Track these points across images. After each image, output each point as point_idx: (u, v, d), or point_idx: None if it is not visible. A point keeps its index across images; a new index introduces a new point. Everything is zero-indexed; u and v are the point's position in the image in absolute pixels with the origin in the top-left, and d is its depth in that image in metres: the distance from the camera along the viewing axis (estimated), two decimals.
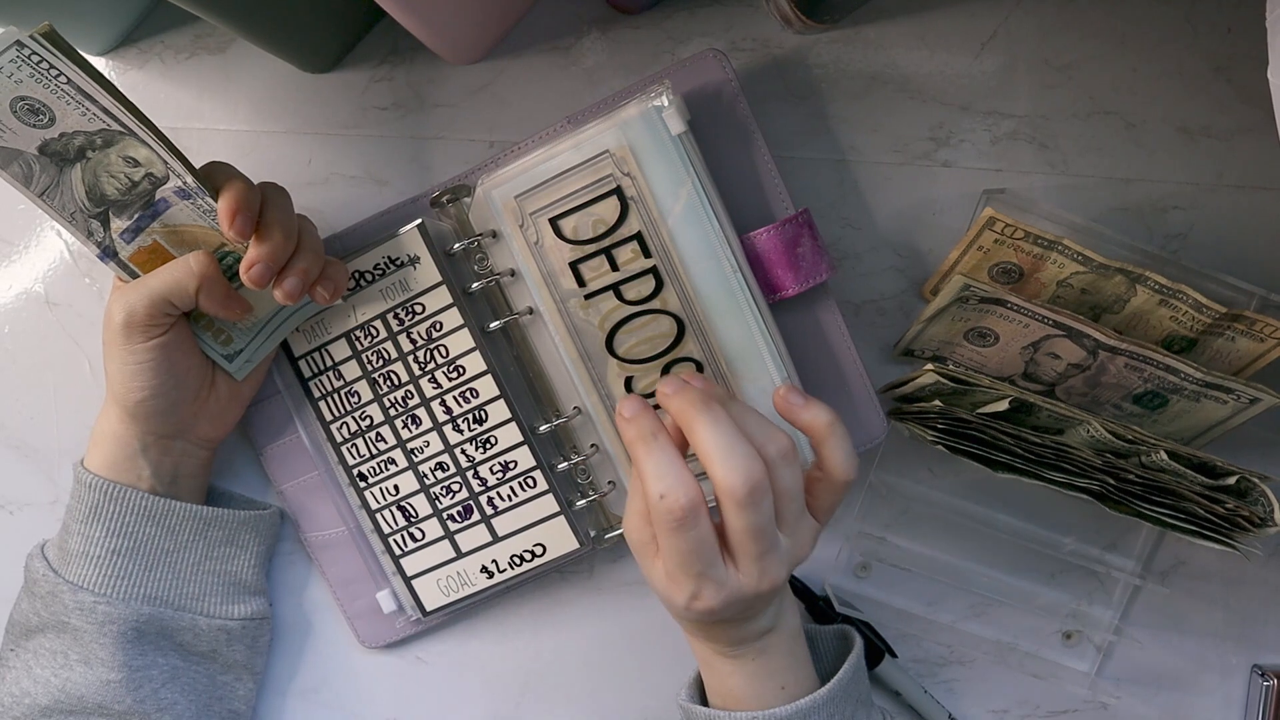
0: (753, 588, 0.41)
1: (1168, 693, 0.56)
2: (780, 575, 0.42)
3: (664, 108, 0.47)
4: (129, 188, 0.45)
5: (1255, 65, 0.52)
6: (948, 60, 0.53)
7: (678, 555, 0.40)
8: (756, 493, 0.39)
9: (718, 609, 0.41)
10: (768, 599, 0.43)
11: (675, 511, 0.39)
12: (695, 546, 0.40)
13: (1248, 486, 0.48)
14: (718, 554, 0.41)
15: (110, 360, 0.48)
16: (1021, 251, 0.49)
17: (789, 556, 0.42)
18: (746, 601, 0.42)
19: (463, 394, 0.53)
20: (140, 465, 0.51)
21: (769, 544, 0.41)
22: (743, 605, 0.42)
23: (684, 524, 0.40)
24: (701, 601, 0.41)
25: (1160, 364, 0.48)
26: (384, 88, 0.55)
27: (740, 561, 0.41)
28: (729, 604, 0.41)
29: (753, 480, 0.39)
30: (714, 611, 0.41)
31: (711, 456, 0.39)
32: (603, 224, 0.49)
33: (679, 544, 0.40)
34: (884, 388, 0.52)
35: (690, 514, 0.39)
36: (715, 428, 0.40)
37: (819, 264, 0.50)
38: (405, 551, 0.55)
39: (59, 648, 0.50)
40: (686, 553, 0.40)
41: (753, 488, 0.39)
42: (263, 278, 0.45)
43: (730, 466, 0.39)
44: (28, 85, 0.40)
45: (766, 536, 0.40)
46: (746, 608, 0.42)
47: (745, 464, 0.39)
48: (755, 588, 0.41)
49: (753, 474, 0.39)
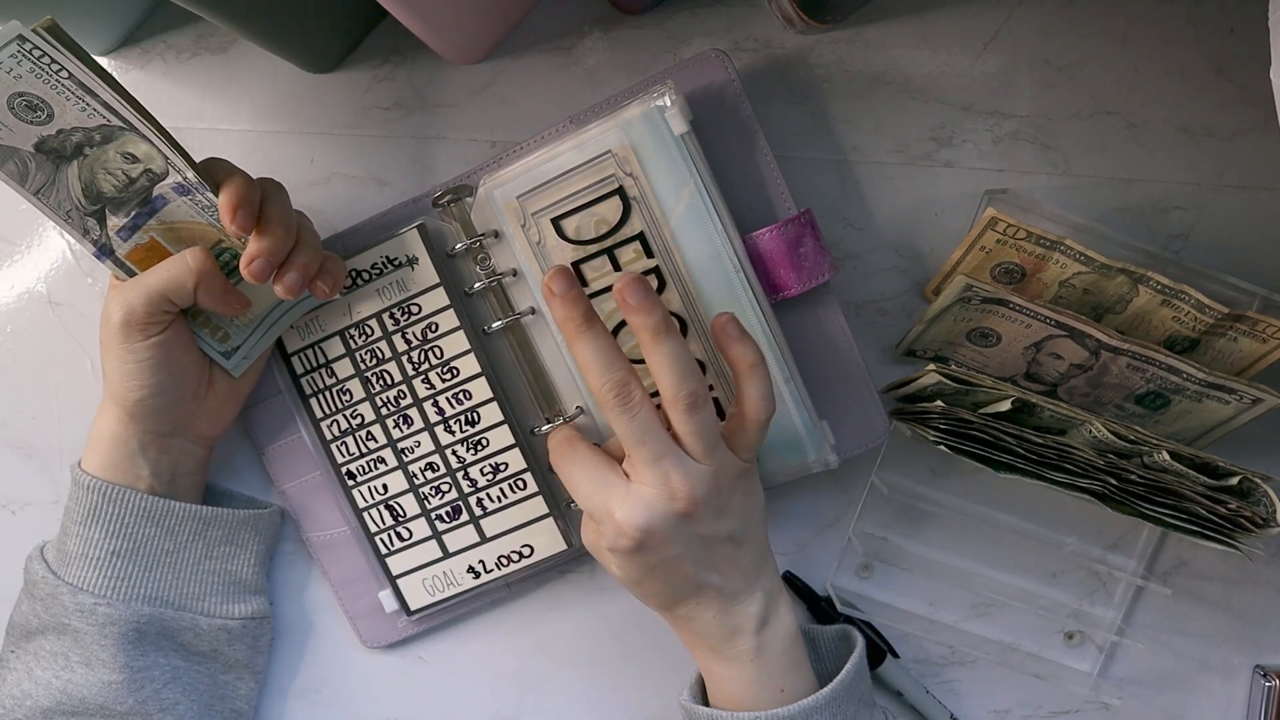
0: (662, 495, 0.42)
1: (1170, 693, 0.56)
2: (693, 489, 0.43)
3: (666, 108, 0.47)
4: (126, 185, 0.45)
5: (1257, 65, 0.52)
6: (949, 60, 0.53)
7: (575, 478, 0.45)
8: (626, 395, 0.43)
9: (638, 521, 0.43)
10: (713, 535, 0.44)
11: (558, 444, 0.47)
12: (584, 462, 0.45)
13: (1250, 487, 0.48)
14: (608, 469, 0.45)
15: (109, 359, 0.48)
16: (1023, 252, 0.49)
17: (702, 474, 0.43)
18: (670, 521, 0.43)
19: (456, 395, 0.53)
20: (139, 464, 0.51)
21: (659, 448, 0.43)
22: (674, 530, 0.43)
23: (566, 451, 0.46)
24: (615, 517, 0.43)
25: (1162, 364, 0.48)
26: (386, 88, 0.55)
27: (635, 470, 0.43)
28: (645, 514, 0.43)
29: (622, 384, 0.43)
30: (639, 529, 0.42)
31: (588, 366, 0.43)
32: (605, 224, 0.49)
33: (571, 467, 0.46)
34: (886, 388, 0.52)
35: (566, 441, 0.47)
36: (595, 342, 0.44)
37: (821, 264, 0.50)
38: (392, 551, 0.55)
39: (60, 649, 0.50)
40: (578, 469, 0.45)
41: (621, 390, 0.43)
42: (264, 272, 0.45)
43: (603, 375, 0.43)
44: (27, 81, 0.40)
45: (652, 440, 0.43)
46: (690, 544, 0.44)
47: (618, 373, 0.43)
48: (666, 496, 0.42)
49: (624, 380, 0.43)
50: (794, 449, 0.51)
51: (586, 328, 0.43)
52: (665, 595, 0.45)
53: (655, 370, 0.43)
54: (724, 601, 0.45)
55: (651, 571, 0.44)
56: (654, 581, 0.45)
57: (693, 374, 0.43)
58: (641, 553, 0.43)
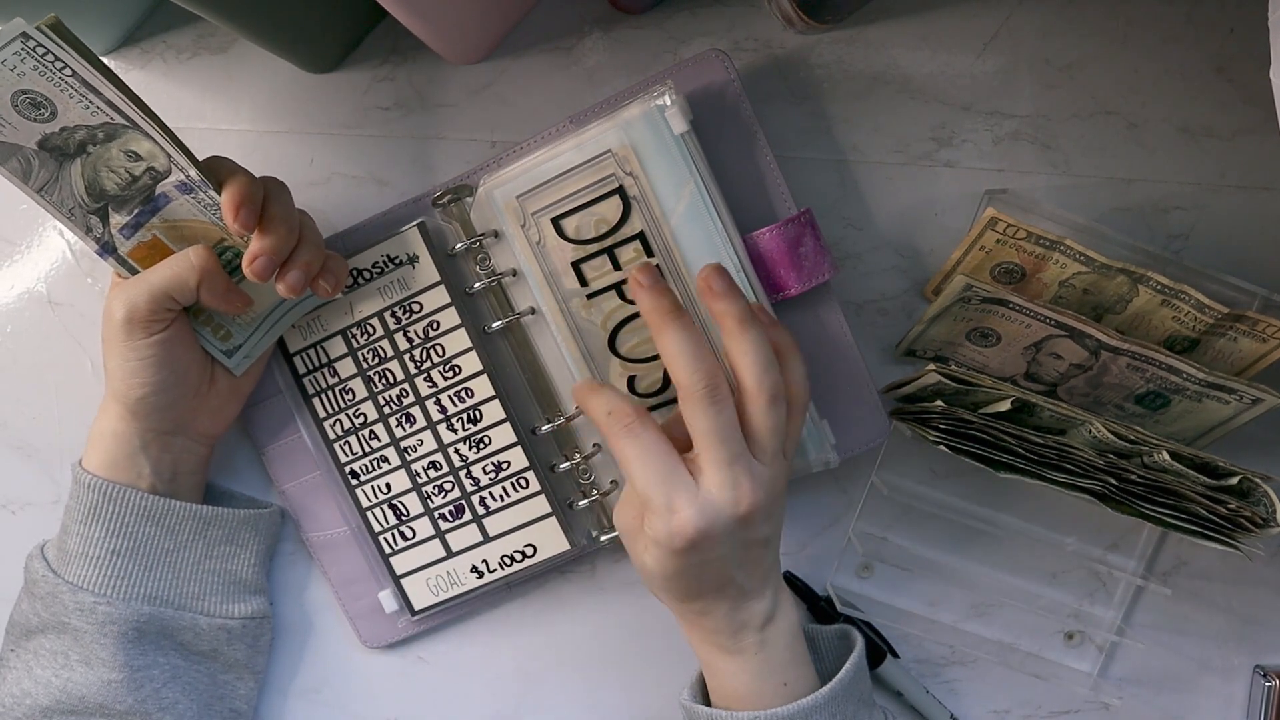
0: (728, 501, 0.41)
1: (1170, 693, 0.56)
2: (756, 495, 0.42)
3: (666, 107, 0.47)
4: (129, 183, 0.45)
5: (1257, 65, 0.52)
6: (949, 60, 0.53)
7: (639, 462, 0.42)
8: (717, 392, 0.41)
9: (699, 523, 0.41)
10: (756, 540, 0.43)
11: (623, 418, 0.42)
12: (650, 447, 0.42)
13: (1250, 487, 0.48)
14: (678, 460, 0.42)
15: (111, 357, 0.48)
16: (1023, 252, 0.49)
17: (764, 480, 0.42)
18: (728, 526, 0.42)
19: (458, 393, 0.53)
20: (140, 462, 0.51)
21: (735, 450, 0.42)
22: (727, 534, 0.42)
23: (632, 427, 0.42)
24: (679, 515, 0.41)
25: (1162, 364, 0.48)
26: (386, 88, 0.55)
27: (707, 470, 0.42)
28: (708, 518, 0.41)
29: (713, 379, 0.42)
30: (698, 530, 0.41)
31: (676, 357, 0.42)
32: (605, 224, 0.49)
33: (635, 447, 0.42)
34: (886, 388, 0.52)
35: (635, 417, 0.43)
36: (683, 332, 0.43)
37: (821, 264, 0.50)
38: (395, 550, 0.55)
39: (59, 648, 0.50)
40: (644, 454, 0.42)
41: (713, 385, 0.41)
42: (266, 270, 0.45)
43: (693, 367, 0.42)
44: (31, 78, 0.40)
45: (731, 442, 0.42)
46: (735, 547, 0.43)
47: (708, 365, 0.42)
48: (731, 502, 0.41)
49: (713, 374, 0.42)
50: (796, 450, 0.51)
51: (675, 317, 0.43)
52: (690, 591, 0.44)
53: (739, 360, 0.43)
54: (739, 598, 0.45)
55: (688, 569, 0.43)
56: (686, 578, 0.44)
57: (775, 366, 0.43)
58: (690, 553, 0.42)
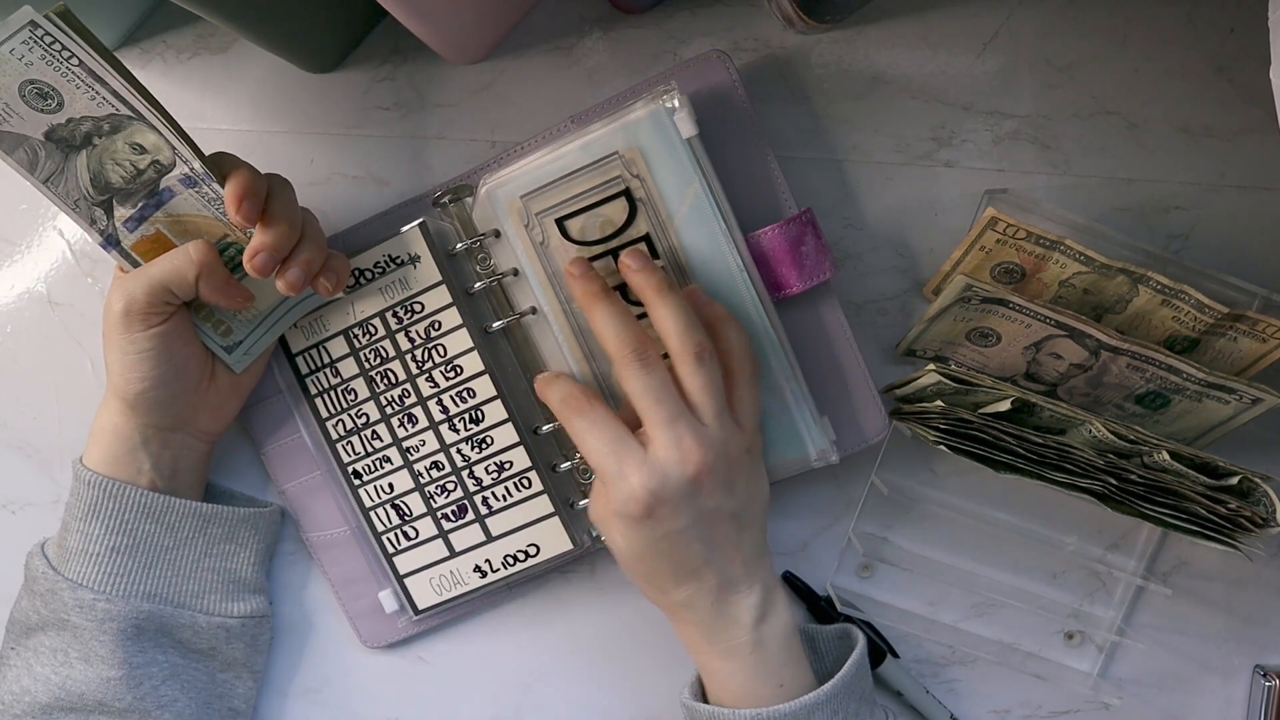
0: (675, 460, 0.43)
1: (1170, 693, 0.56)
2: (703, 454, 0.43)
3: (675, 110, 0.47)
4: (134, 176, 0.45)
5: (1257, 65, 0.52)
6: (949, 60, 0.53)
7: (588, 436, 0.44)
8: (643, 355, 0.44)
9: (652, 485, 0.43)
10: (717, 511, 0.44)
11: (570, 400, 0.45)
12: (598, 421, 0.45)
13: (1250, 487, 0.48)
14: (624, 430, 0.44)
15: (110, 350, 0.48)
16: (1023, 252, 0.49)
17: (712, 439, 0.44)
18: (681, 488, 0.43)
19: (459, 393, 0.53)
20: (140, 458, 0.51)
21: (672, 409, 0.44)
22: (683, 499, 0.43)
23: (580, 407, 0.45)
24: (630, 480, 0.43)
25: (1162, 364, 0.48)
26: (386, 87, 0.55)
27: (650, 432, 0.44)
28: (659, 479, 0.43)
29: (637, 344, 0.44)
30: (652, 494, 0.43)
31: (603, 329, 0.45)
32: (610, 225, 0.49)
33: (584, 423, 0.45)
34: (886, 388, 0.52)
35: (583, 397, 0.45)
36: (610, 306, 0.46)
37: (822, 262, 0.50)
38: (398, 550, 0.55)
39: (59, 645, 0.50)
40: (593, 427, 0.44)
41: (637, 349, 0.44)
42: (266, 266, 0.45)
43: (619, 336, 0.44)
44: (38, 68, 0.40)
45: (666, 401, 0.44)
46: (696, 517, 0.44)
47: (632, 333, 0.44)
48: (679, 461, 0.43)
49: (637, 340, 0.44)
50: (795, 444, 0.51)
51: (603, 296, 0.46)
52: (666, 574, 0.45)
53: (662, 325, 0.45)
54: (723, 589, 0.45)
55: (655, 545, 0.44)
56: (656, 558, 0.45)
57: (698, 327, 0.45)
58: (650, 521, 0.44)
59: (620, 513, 0.44)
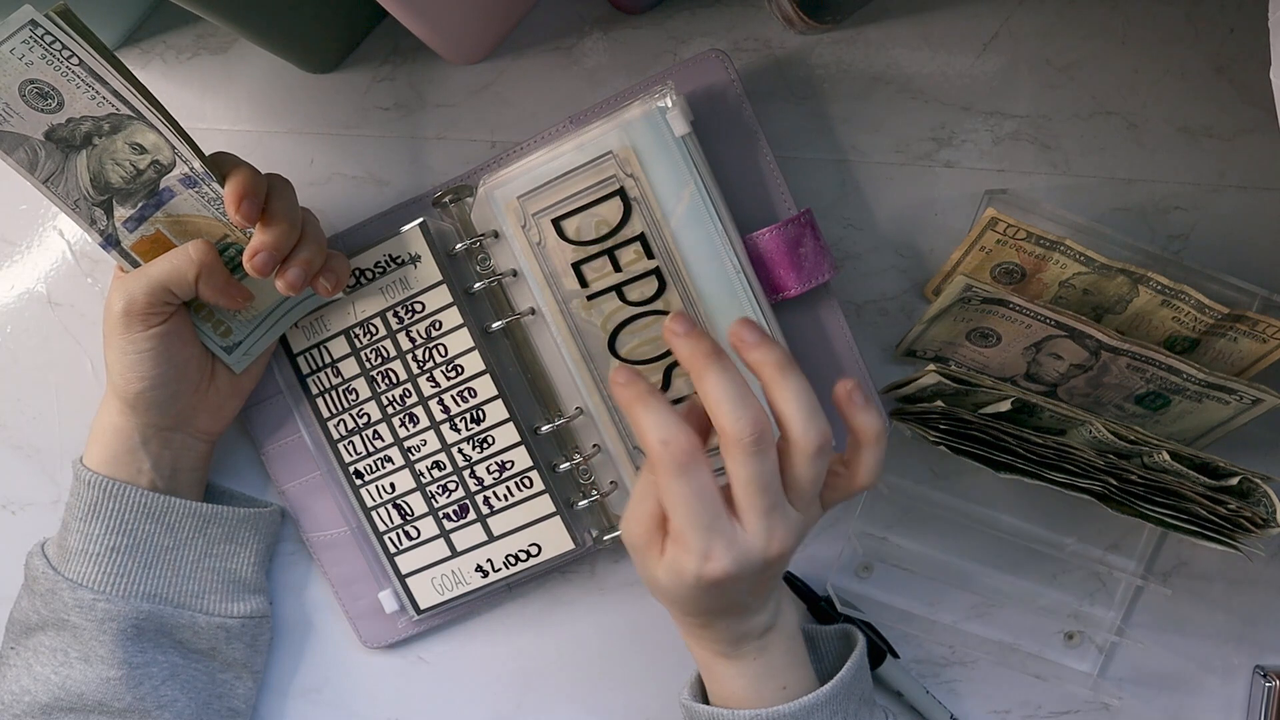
0: (761, 549, 0.40)
1: (1170, 693, 0.56)
2: (787, 541, 0.41)
3: (668, 109, 0.47)
4: (134, 176, 0.45)
5: (1257, 65, 0.52)
6: (950, 60, 0.53)
7: (685, 504, 0.40)
8: (763, 441, 0.39)
9: (731, 569, 0.40)
10: (774, 573, 0.42)
11: (679, 455, 0.39)
12: (699, 492, 0.39)
13: (1250, 487, 0.48)
14: (723, 507, 0.40)
15: (110, 350, 0.48)
16: (1024, 252, 0.49)
17: (797, 526, 0.41)
18: (755, 568, 0.40)
19: (460, 393, 0.53)
20: (140, 458, 0.51)
21: (774, 499, 0.40)
22: (752, 574, 0.41)
23: (687, 467, 0.39)
24: (713, 562, 0.40)
25: (1162, 364, 0.48)
26: (385, 88, 0.55)
27: (746, 517, 0.40)
28: (740, 564, 0.40)
29: (760, 427, 0.39)
30: (727, 575, 0.40)
31: (720, 403, 0.39)
32: (605, 225, 0.49)
33: (685, 489, 0.39)
34: (886, 388, 0.52)
35: (691, 456, 0.39)
36: (725, 376, 0.40)
37: (821, 264, 0.50)
38: (400, 550, 0.55)
39: (59, 645, 0.50)
40: (693, 499, 0.39)
41: (760, 434, 0.39)
42: (266, 266, 0.45)
43: (738, 414, 0.39)
44: (38, 67, 0.40)
45: (771, 491, 0.40)
46: (755, 582, 0.41)
47: (754, 413, 0.39)
48: (764, 549, 0.40)
49: (760, 421, 0.39)
50: None
51: (715, 360, 0.40)
52: (697, 611, 0.44)
53: (785, 410, 0.40)
54: (744, 615, 0.44)
55: (704, 597, 0.42)
56: (698, 603, 0.43)
57: (822, 416, 0.40)
58: (711, 589, 0.41)
59: (685, 580, 0.41)
